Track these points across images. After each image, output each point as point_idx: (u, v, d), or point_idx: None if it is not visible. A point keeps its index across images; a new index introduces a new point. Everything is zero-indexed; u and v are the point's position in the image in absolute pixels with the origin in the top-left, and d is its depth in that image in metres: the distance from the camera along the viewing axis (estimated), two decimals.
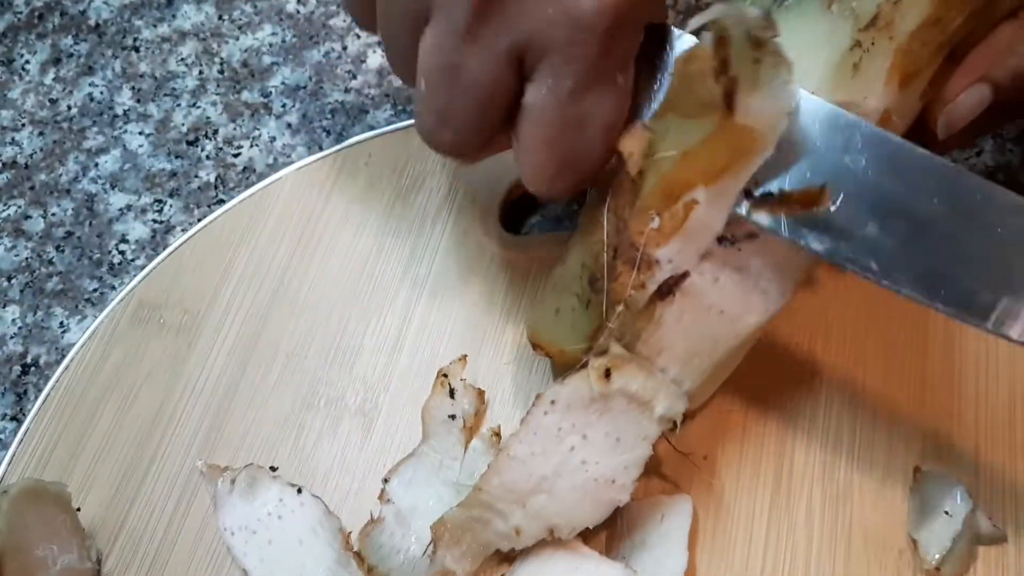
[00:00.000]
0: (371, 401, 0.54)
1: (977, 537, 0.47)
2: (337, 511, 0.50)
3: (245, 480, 0.50)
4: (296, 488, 0.50)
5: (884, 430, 0.50)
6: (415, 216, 0.59)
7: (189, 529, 0.51)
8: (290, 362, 0.55)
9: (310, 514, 0.50)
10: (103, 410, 0.54)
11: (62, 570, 0.48)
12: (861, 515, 0.48)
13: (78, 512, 0.50)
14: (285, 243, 0.59)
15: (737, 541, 0.48)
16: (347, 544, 0.49)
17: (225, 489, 0.50)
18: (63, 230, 0.63)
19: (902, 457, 0.49)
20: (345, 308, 0.56)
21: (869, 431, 0.50)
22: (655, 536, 0.48)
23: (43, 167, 0.66)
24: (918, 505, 0.48)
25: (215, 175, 0.65)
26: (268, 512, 0.50)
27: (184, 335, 0.56)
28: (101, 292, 0.61)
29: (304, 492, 0.50)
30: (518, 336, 0.54)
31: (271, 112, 0.67)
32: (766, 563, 0.48)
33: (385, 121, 0.65)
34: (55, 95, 0.69)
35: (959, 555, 0.46)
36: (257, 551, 0.49)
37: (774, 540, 0.48)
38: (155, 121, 0.67)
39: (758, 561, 0.48)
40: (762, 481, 0.50)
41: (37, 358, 0.59)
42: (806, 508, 0.49)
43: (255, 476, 0.51)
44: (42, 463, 0.53)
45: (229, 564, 0.50)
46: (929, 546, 0.47)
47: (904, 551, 0.47)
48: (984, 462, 0.49)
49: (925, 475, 0.48)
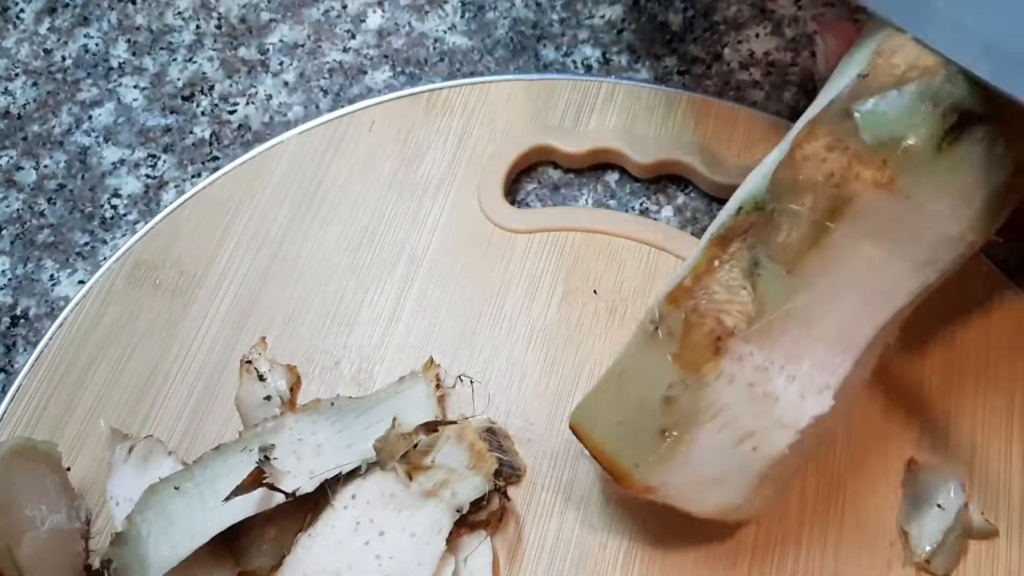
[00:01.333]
0: (366, 371, 0.53)
1: (969, 531, 0.47)
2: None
3: (142, 451, 0.50)
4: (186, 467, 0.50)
5: (879, 421, 0.50)
6: (417, 186, 0.58)
7: None
8: (286, 328, 0.55)
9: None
10: (96, 370, 0.54)
11: (50, 530, 0.47)
12: (853, 505, 0.49)
13: (68, 472, 0.50)
14: (285, 208, 0.58)
15: (728, 527, 0.49)
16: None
17: (121, 457, 0.50)
18: (55, 182, 0.62)
19: (896, 449, 0.50)
20: (343, 277, 0.56)
21: (863, 422, 0.51)
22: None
23: (36, 118, 0.65)
24: (911, 497, 0.48)
25: (210, 132, 0.64)
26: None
27: (180, 297, 0.56)
28: (92, 246, 0.60)
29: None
30: (515, 311, 0.54)
31: (268, 69, 0.66)
32: (756, 550, 0.48)
33: (383, 82, 0.64)
34: (50, 45, 0.67)
35: (950, 548, 0.47)
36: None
37: (765, 528, 0.49)
38: (150, 75, 0.66)
39: (748, 547, 0.48)
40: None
41: (27, 310, 0.58)
42: (799, 496, 0.49)
43: (151, 449, 0.50)
44: (33, 422, 0.53)
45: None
46: (920, 538, 0.47)
47: (895, 542, 0.48)
48: (979, 456, 0.50)
49: (918, 468, 0.49)
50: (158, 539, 0.46)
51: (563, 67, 0.64)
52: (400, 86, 0.64)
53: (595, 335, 0.53)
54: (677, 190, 0.59)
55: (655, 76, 0.63)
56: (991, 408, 0.51)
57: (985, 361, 0.52)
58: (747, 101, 0.61)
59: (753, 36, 0.64)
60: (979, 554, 0.48)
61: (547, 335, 0.54)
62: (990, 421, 0.50)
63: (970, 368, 0.51)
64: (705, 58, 0.64)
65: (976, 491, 0.49)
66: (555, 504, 0.50)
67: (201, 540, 0.46)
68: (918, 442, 0.50)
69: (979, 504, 0.48)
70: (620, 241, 0.56)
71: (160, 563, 0.46)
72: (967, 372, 0.51)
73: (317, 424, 0.49)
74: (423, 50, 0.65)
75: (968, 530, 0.47)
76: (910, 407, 0.51)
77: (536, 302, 0.54)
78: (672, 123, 0.59)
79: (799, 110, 0.60)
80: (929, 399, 0.51)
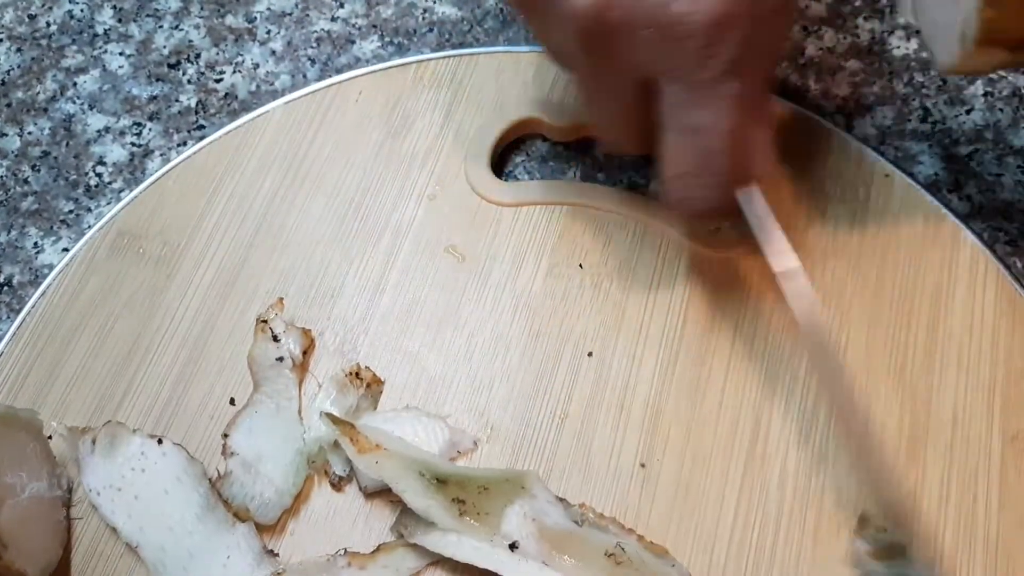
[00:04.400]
0: (350, 343, 0.53)
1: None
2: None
3: (105, 438, 0.50)
4: (156, 439, 0.50)
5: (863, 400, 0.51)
6: (403, 157, 0.58)
7: None
8: (270, 299, 0.54)
9: (173, 463, 0.49)
10: (78, 339, 0.54)
11: (31, 497, 0.47)
12: (834, 481, 0.49)
13: (49, 440, 0.50)
14: (270, 178, 0.58)
15: (710, 498, 0.49)
16: (213, 487, 0.49)
17: (87, 449, 0.50)
18: (39, 149, 0.62)
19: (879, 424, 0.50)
20: (328, 248, 0.56)
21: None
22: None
23: (20, 84, 0.64)
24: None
25: (196, 100, 0.63)
26: (132, 468, 0.49)
27: (163, 266, 0.55)
28: (77, 214, 0.60)
29: (165, 442, 0.49)
30: (500, 284, 0.54)
31: (255, 38, 0.65)
32: (736, 521, 0.48)
33: (371, 52, 0.64)
34: (34, 11, 0.67)
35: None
36: (125, 508, 0.48)
37: (746, 499, 0.48)
38: (136, 42, 0.66)
39: (729, 518, 0.48)
40: (738, 440, 0.50)
41: (10, 277, 0.58)
42: (780, 470, 0.49)
43: (115, 433, 0.50)
44: (14, 390, 0.53)
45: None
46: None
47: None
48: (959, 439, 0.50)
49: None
50: None
51: None
52: (388, 56, 0.64)
53: (580, 309, 0.53)
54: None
55: None
56: (972, 387, 0.51)
57: (968, 337, 0.51)
58: None
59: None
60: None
61: (532, 308, 0.53)
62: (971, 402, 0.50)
63: (952, 349, 0.51)
64: None
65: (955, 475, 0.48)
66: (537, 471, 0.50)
67: None
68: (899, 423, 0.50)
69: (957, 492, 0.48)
70: (607, 215, 0.55)
71: None
72: (949, 352, 0.51)
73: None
74: (412, 20, 0.65)
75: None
76: (891, 387, 0.51)
77: (522, 275, 0.54)
78: None
79: (788, 84, 0.60)
80: (910, 380, 0.51)
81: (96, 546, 0.49)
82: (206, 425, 0.52)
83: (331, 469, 0.50)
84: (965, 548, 0.47)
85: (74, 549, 0.49)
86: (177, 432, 0.51)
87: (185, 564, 0.47)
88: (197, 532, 0.47)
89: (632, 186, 0.58)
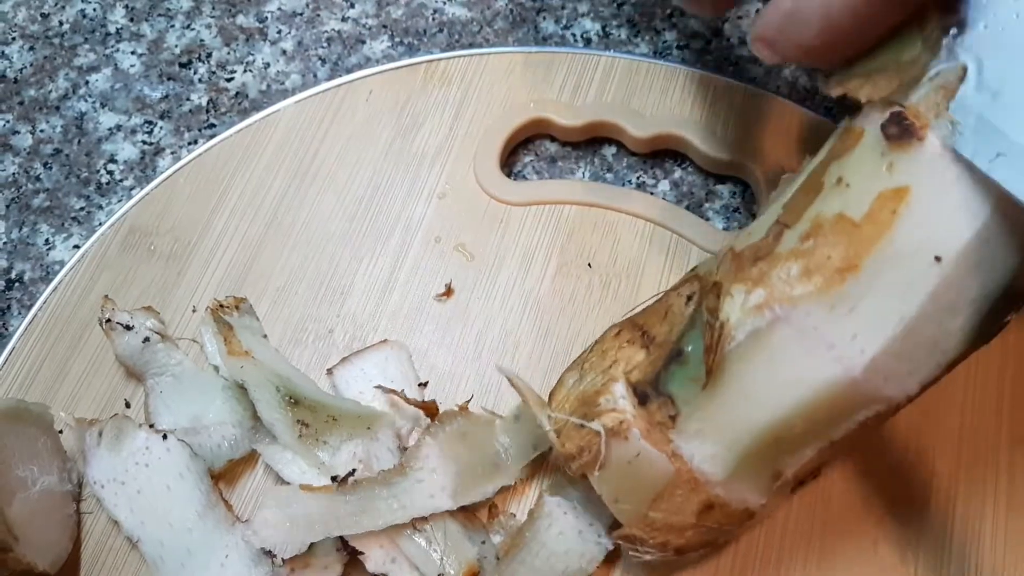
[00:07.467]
0: (360, 340, 0.53)
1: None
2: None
3: (111, 431, 0.50)
4: (162, 435, 0.49)
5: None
6: (413, 156, 0.58)
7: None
8: (280, 297, 0.55)
9: (176, 459, 0.49)
10: (89, 335, 0.54)
11: (41, 491, 0.47)
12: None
13: (60, 435, 0.50)
14: (280, 176, 0.58)
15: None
16: (215, 486, 0.49)
17: (93, 442, 0.50)
18: (51, 147, 0.62)
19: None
20: (338, 246, 0.56)
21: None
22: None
23: (33, 82, 0.65)
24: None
25: (207, 99, 0.64)
26: (136, 462, 0.49)
27: (174, 263, 0.56)
28: (88, 211, 0.60)
29: (170, 438, 0.49)
30: (509, 283, 0.54)
31: (266, 37, 0.66)
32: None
33: (381, 52, 0.64)
34: (47, 9, 0.67)
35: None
36: (127, 502, 0.49)
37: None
38: (148, 41, 0.66)
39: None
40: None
41: (22, 274, 0.58)
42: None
43: (121, 426, 0.50)
44: (26, 385, 0.53)
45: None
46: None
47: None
48: (966, 440, 0.50)
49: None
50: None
51: (562, 40, 0.64)
52: (398, 56, 0.64)
53: (588, 308, 0.53)
54: (674, 165, 0.59)
55: (654, 50, 0.63)
56: (981, 384, 0.51)
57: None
58: (746, 77, 0.61)
59: (753, 12, 0.64)
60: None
61: (540, 307, 0.54)
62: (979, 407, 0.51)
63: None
64: (705, 33, 0.63)
65: (961, 484, 0.49)
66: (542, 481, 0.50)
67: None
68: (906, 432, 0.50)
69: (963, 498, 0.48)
70: (615, 215, 0.56)
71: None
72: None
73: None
74: (422, 20, 0.65)
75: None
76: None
77: (530, 274, 0.55)
78: (670, 98, 0.58)
79: (797, 87, 0.60)
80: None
81: (105, 540, 0.49)
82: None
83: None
84: (973, 549, 0.47)
85: (84, 543, 0.49)
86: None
87: (183, 561, 0.47)
88: (197, 529, 0.48)
89: (640, 186, 0.58)
